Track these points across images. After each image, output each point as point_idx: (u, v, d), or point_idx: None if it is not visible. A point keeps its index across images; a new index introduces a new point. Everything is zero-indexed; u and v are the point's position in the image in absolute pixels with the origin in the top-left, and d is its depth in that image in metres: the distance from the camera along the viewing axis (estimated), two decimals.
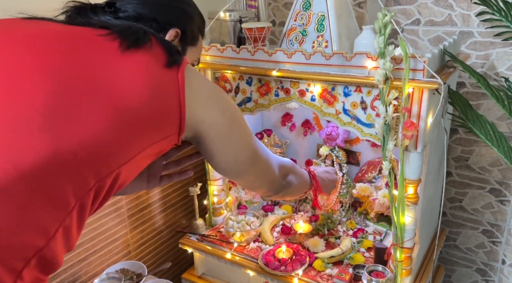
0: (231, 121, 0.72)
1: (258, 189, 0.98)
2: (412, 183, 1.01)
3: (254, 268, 1.24)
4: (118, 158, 0.57)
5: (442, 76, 0.92)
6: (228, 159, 0.75)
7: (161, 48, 0.62)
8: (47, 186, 0.50)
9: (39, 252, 0.52)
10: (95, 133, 0.53)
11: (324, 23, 1.14)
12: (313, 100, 1.11)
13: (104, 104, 0.54)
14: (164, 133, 0.62)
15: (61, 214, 0.53)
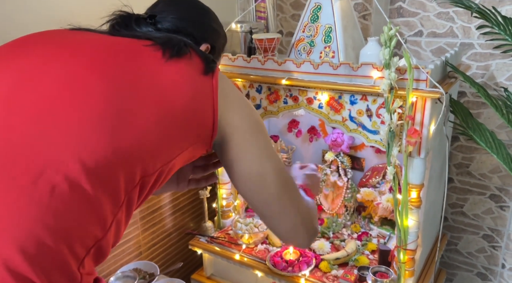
0: (256, 128, 0.72)
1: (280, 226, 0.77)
2: (415, 188, 1.06)
3: (262, 268, 1.28)
4: (162, 158, 0.62)
5: (444, 86, 0.97)
6: (250, 167, 0.71)
7: (199, 57, 0.67)
8: (107, 181, 0.56)
9: (98, 242, 0.57)
10: (145, 134, 0.58)
11: (331, 34, 1.20)
12: (321, 107, 1.17)
13: (152, 109, 0.60)
14: (201, 135, 0.66)
15: (115, 207, 0.58)
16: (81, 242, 0.55)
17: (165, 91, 0.61)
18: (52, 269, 0.52)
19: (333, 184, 1.50)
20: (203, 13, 0.85)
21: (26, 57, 0.62)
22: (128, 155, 0.57)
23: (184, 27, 0.78)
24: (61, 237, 0.53)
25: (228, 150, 0.71)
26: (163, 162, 0.63)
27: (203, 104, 0.65)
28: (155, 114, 0.60)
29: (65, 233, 0.53)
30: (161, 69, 0.63)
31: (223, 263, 1.40)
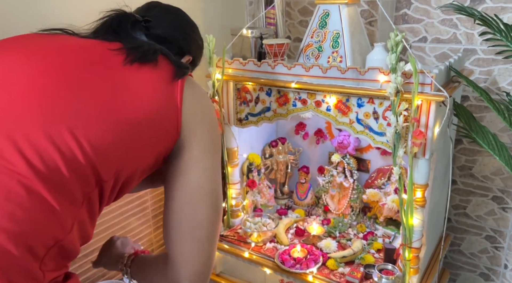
0: (215, 146, 0.72)
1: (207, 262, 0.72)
2: (420, 188, 1.10)
3: (271, 266, 1.32)
4: (119, 165, 0.63)
5: (448, 90, 1.02)
6: (199, 182, 0.68)
7: (170, 64, 0.69)
8: (61, 185, 0.57)
9: (59, 242, 0.59)
10: (100, 142, 0.60)
11: (339, 40, 1.25)
12: (329, 110, 1.21)
13: (108, 115, 0.61)
14: (163, 141, 0.67)
15: (74, 209, 0.60)
16: (40, 243, 0.56)
17: (124, 97, 0.62)
18: (12, 270, 0.54)
19: (339, 185, 1.54)
20: (192, 28, 0.89)
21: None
22: (79, 160, 0.58)
23: (175, 37, 0.81)
24: (18, 239, 0.54)
25: (181, 158, 0.68)
26: (117, 169, 0.63)
27: (165, 112, 0.65)
28: (109, 121, 0.60)
29: (23, 235, 0.54)
30: (119, 74, 0.64)
31: (232, 261, 1.44)
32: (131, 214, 1.39)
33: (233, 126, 1.42)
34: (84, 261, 1.27)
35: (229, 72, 1.35)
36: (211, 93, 1.35)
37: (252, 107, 1.36)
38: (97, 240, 1.29)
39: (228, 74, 1.35)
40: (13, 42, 0.69)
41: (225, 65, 1.33)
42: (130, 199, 1.38)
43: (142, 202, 1.43)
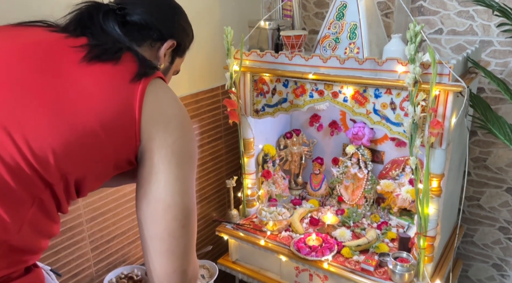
0: (182, 156, 0.65)
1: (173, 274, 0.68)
2: (436, 177, 1.12)
3: (287, 253, 1.35)
4: (65, 170, 0.60)
5: (465, 81, 1.03)
6: (159, 194, 0.64)
7: (135, 63, 0.64)
8: (6, 190, 0.56)
9: (6, 242, 0.58)
10: (40, 146, 0.57)
11: (356, 31, 1.26)
12: (345, 101, 1.23)
13: (54, 120, 0.58)
14: (121, 148, 0.62)
15: (22, 211, 0.58)
16: None
17: (73, 97, 0.59)
18: None
19: (354, 176, 1.56)
20: (173, 10, 0.82)
21: None
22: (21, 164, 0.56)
23: (152, 21, 0.75)
24: None
25: (144, 165, 0.65)
26: (62, 173, 0.60)
27: (122, 116, 0.60)
28: (56, 123, 0.57)
29: None
30: (75, 72, 0.60)
31: (248, 249, 1.48)
32: None
33: (250, 117, 1.44)
34: (106, 246, 1.31)
35: (246, 64, 1.37)
36: (229, 84, 1.37)
37: (268, 98, 1.39)
38: (117, 228, 1.34)
39: (245, 66, 1.37)
40: None
41: (243, 57, 1.35)
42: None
43: None
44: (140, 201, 0.66)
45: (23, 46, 0.64)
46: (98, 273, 1.30)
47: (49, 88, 0.59)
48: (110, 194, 1.29)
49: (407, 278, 1.18)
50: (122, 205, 1.33)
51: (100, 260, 1.30)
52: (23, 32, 0.68)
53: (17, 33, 0.68)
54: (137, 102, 0.61)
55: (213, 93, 1.61)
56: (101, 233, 1.28)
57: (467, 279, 1.72)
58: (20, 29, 0.69)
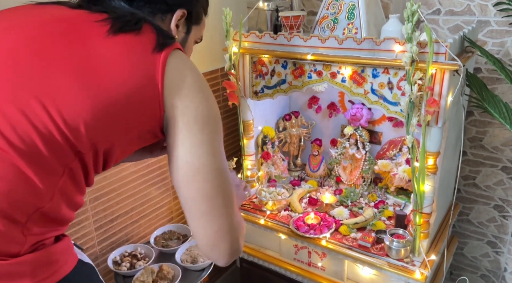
0: (204, 119, 0.68)
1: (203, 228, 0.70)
2: (432, 155, 1.14)
3: (286, 232, 1.38)
4: (96, 138, 0.62)
5: (461, 60, 1.04)
6: (186, 158, 0.66)
7: (154, 34, 0.66)
8: (37, 155, 0.59)
9: (39, 210, 0.61)
10: (72, 115, 0.59)
11: (354, 11, 1.27)
12: (344, 81, 1.25)
13: (85, 86, 0.60)
14: (145, 114, 0.65)
15: (54, 178, 0.61)
16: (19, 211, 0.59)
17: (101, 68, 0.61)
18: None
19: (352, 157, 1.59)
20: None
21: None
22: (54, 132, 0.59)
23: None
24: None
25: (170, 134, 0.67)
26: (92, 142, 0.63)
27: (146, 83, 0.63)
28: (86, 93, 0.60)
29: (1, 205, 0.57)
30: (101, 45, 0.62)
31: (248, 228, 1.51)
32: (151, 184, 1.46)
33: (249, 99, 1.45)
34: (110, 225, 1.34)
35: (245, 45, 1.38)
36: (228, 66, 1.38)
37: (267, 80, 1.40)
38: (121, 207, 1.36)
39: (244, 47, 1.37)
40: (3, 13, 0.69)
41: (242, 38, 1.36)
42: (150, 169, 1.44)
43: (162, 172, 1.48)
44: (172, 168, 0.68)
45: (47, 21, 0.66)
46: (102, 252, 1.33)
47: (77, 59, 0.61)
48: (114, 175, 1.31)
49: (403, 253, 1.21)
50: (125, 185, 1.36)
51: (104, 239, 1.33)
52: (44, 10, 0.70)
53: (39, 11, 0.69)
54: (160, 73, 0.63)
55: (213, 75, 1.62)
56: (104, 213, 1.31)
57: (462, 257, 1.76)
58: (40, 7, 0.71)
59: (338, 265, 1.34)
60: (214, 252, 0.70)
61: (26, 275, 0.60)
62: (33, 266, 0.61)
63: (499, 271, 1.69)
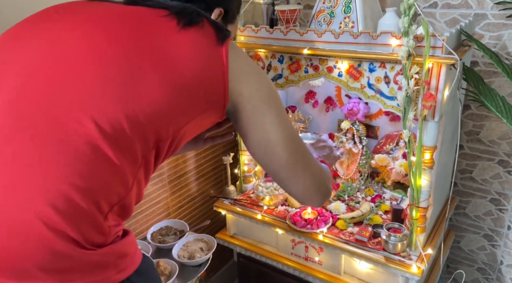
0: (268, 97, 0.74)
1: (294, 187, 0.80)
2: (429, 149, 1.14)
3: (283, 227, 1.39)
4: (173, 124, 0.67)
5: (458, 53, 1.04)
6: (261, 137, 0.73)
7: (211, 27, 0.71)
8: (124, 145, 0.61)
9: (121, 200, 0.64)
10: (156, 101, 0.63)
11: (351, 5, 1.26)
12: (340, 75, 1.24)
13: (162, 78, 0.64)
14: (211, 103, 0.70)
15: (134, 169, 0.64)
16: (105, 199, 0.61)
17: (176, 60, 0.65)
18: (82, 222, 0.59)
19: (349, 151, 1.59)
20: None
21: (48, 28, 0.66)
22: (141, 121, 0.62)
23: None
24: (87, 195, 0.59)
25: (240, 119, 0.73)
26: (174, 128, 0.67)
27: (213, 74, 0.68)
28: (165, 83, 0.64)
29: (90, 191, 0.59)
30: (173, 38, 0.66)
31: (245, 223, 1.51)
32: None
33: None
34: None
35: (241, 40, 1.37)
36: None
37: None
38: None
39: (240, 42, 1.36)
40: (63, 8, 0.71)
41: (238, 32, 1.34)
42: None
43: (159, 168, 1.48)
44: (250, 148, 0.76)
45: (123, 15, 0.69)
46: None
47: (157, 52, 0.65)
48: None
49: (399, 247, 1.21)
50: None
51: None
52: (109, 5, 0.72)
53: (105, 5, 0.71)
54: (225, 64, 0.69)
55: None
56: None
57: (459, 250, 1.77)
58: (101, 3, 0.73)
59: (335, 260, 1.34)
60: (308, 201, 0.84)
61: (110, 266, 0.63)
62: (115, 257, 0.64)
63: (495, 264, 1.70)
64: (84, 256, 0.59)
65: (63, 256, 0.58)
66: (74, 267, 0.59)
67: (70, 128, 0.58)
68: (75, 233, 0.58)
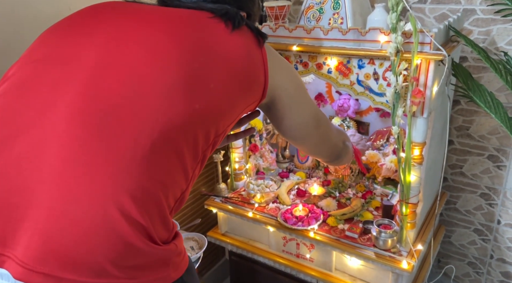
0: (298, 87, 0.87)
1: (321, 153, 1.07)
2: (418, 145, 1.14)
3: (274, 224, 1.38)
4: (229, 117, 0.72)
5: (446, 49, 1.04)
6: (296, 121, 0.88)
7: (250, 29, 0.76)
8: (190, 139, 0.64)
9: (183, 193, 0.66)
10: (217, 97, 0.67)
11: (339, 1, 1.25)
12: (330, 72, 1.23)
13: (221, 75, 0.68)
14: (254, 97, 0.76)
15: (194, 163, 0.66)
16: (173, 193, 0.63)
17: (230, 59, 0.69)
18: (156, 216, 0.60)
19: None
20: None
21: (106, 27, 0.67)
22: (205, 117, 0.65)
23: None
24: (159, 187, 0.60)
25: (277, 109, 0.85)
26: (229, 121, 0.72)
27: (258, 72, 0.75)
28: (223, 80, 0.68)
29: (161, 183, 0.61)
30: (226, 39, 0.70)
31: (237, 221, 1.51)
32: None
33: None
34: None
35: None
36: None
37: None
38: None
39: None
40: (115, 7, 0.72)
41: None
42: None
43: None
44: (287, 131, 0.91)
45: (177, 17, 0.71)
46: None
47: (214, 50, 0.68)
48: None
49: (390, 243, 1.22)
50: None
51: None
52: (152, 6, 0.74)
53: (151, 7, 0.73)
54: (265, 63, 0.75)
55: None
56: None
57: (450, 245, 1.78)
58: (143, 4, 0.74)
59: (326, 256, 1.34)
60: (331, 158, 1.12)
61: (170, 264, 0.63)
62: (176, 254, 0.65)
63: (486, 258, 1.72)
64: (155, 251, 0.60)
65: (137, 251, 0.58)
66: (144, 264, 0.59)
67: (146, 123, 0.60)
68: (150, 226, 0.58)
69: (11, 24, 1.01)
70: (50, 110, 0.60)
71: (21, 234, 0.57)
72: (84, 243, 0.56)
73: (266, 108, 0.86)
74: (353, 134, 1.25)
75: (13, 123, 0.61)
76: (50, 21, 0.76)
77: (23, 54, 0.69)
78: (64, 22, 0.71)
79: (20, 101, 0.62)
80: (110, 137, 0.58)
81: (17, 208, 0.57)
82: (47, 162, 0.58)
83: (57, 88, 0.62)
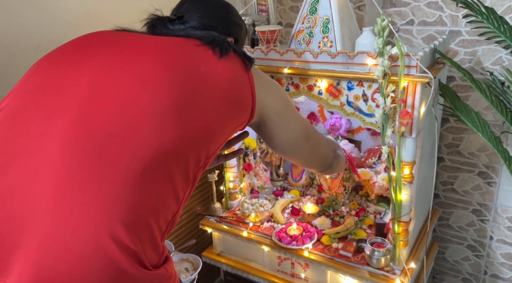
0: (285, 104, 0.90)
1: (313, 164, 1.10)
2: (408, 165, 1.16)
3: (269, 243, 1.39)
4: (219, 140, 0.74)
5: (433, 71, 1.07)
6: (286, 136, 0.91)
7: (238, 56, 0.78)
8: (181, 163, 0.65)
9: (174, 216, 0.67)
10: (206, 122, 0.69)
11: (328, 25, 1.29)
12: (320, 94, 1.26)
13: (210, 101, 0.70)
14: (243, 118, 0.79)
15: (185, 186, 0.67)
16: (164, 216, 0.64)
17: (218, 85, 0.72)
18: (145, 239, 0.61)
19: None
20: (226, 9, 0.92)
21: (97, 57, 0.69)
22: (195, 141, 0.67)
23: (209, 24, 0.85)
24: (151, 212, 0.61)
25: (267, 127, 0.88)
26: (219, 143, 0.74)
27: (245, 94, 0.78)
28: (213, 105, 0.70)
29: (153, 208, 0.62)
30: (214, 66, 0.73)
31: (231, 241, 1.51)
32: None
33: None
34: None
35: None
36: None
37: None
38: None
39: None
40: (105, 37, 0.74)
41: None
42: None
43: None
44: (279, 146, 0.94)
45: (167, 45, 0.73)
46: None
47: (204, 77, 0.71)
48: None
49: (383, 262, 1.23)
50: None
51: None
52: (142, 35, 0.77)
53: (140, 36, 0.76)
54: (252, 86, 0.78)
55: None
56: None
57: (444, 261, 1.79)
58: (134, 33, 0.77)
59: (321, 276, 1.35)
60: (321, 167, 1.14)
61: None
62: (166, 279, 0.65)
63: (480, 274, 1.73)
64: (146, 276, 0.61)
65: (129, 276, 0.58)
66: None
67: (138, 149, 0.61)
68: (140, 251, 0.59)
69: (6, 52, 1.04)
70: (44, 138, 0.61)
71: (14, 262, 0.57)
72: (77, 270, 0.56)
73: (256, 126, 0.89)
74: (346, 144, 1.29)
75: (6, 151, 0.62)
76: (46, 48, 0.78)
77: (16, 85, 0.71)
78: (58, 52, 0.73)
79: (14, 131, 0.64)
80: (103, 165, 0.59)
81: (10, 235, 0.58)
82: (40, 190, 0.59)
83: (50, 117, 0.63)
